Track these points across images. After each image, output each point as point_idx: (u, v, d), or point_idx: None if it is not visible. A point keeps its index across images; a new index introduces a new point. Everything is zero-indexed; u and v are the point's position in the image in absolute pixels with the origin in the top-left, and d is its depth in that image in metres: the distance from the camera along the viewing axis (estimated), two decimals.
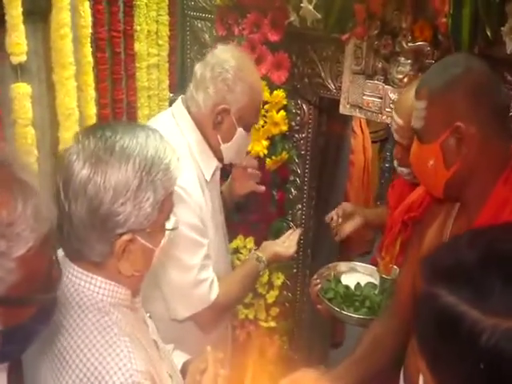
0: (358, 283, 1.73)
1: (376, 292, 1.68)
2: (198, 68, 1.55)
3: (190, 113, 1.55)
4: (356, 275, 1.80)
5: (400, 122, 1.50)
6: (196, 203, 1.49)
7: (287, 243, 1.81)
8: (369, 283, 1.73)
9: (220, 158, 1.60)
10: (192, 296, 1.52)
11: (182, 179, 1.46)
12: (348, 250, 2.61)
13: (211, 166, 1.58)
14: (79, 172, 0.94)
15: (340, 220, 1.85)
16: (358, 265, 1.85)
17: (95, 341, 0.95)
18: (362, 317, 1.60)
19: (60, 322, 0.98)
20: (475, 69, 1.13)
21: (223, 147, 1.56)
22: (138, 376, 0.93)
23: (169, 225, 1.06)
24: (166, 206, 1.02)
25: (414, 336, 0.74)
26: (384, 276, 1.63)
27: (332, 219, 1.86)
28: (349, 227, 1.84)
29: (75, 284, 1.00)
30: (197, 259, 1.50)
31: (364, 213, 1.90)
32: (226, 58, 1.52)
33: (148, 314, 1.19)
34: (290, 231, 1.89)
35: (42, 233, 0.80)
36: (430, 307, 0.69)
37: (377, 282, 1.70)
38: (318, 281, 1.75)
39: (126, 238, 0.97)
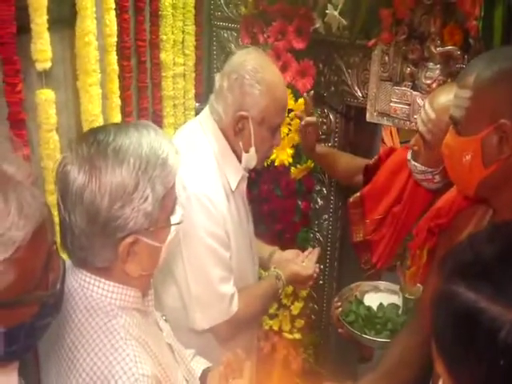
0: (381, 304, 1.67)
1: (399, 312, 1.62)
2: (217, 79, 1.55)
3: (215, 122, 1.55)
4: (379, 294, 1.75)
5: (432, 115, 1.44)
6: (220, 214, 1.47)
7: (306, 263, 1.78)
8: (391, 304, 1.67)
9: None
10: (211, 309, 1.49)
11: (208, 188, 1.47)
12: None
13: (237, 175, 1.56)
14: (74, 181, 0.92)
15: None
16: (382, 283, 1.79)
17: (101, 344, 0.94)
18: (383, 340, 1.55)
19: (68, 324, 0.97)
20: None
21: (244, 156, 1.54)
22: (143, 380, 0.91)
23: (174, 219, 1.04)
24: (167, 201, 1.00)
25: (431, 336, 0.71)
26: (407, 296, 1.58)
27: None
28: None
29: (83, 288, 0.99)
30: (218, 271, 1.48)
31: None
32: (240, 63, 1.51)
33: (164, 318, 1.17)
34: (308, 250, 1.86)
35: (30, 229, 0.75)
36: (448, 305, 0.66)
37: (400, 301, 1.65)
38: (339, 304, 1.70)
39: (128, 240, 0.95)
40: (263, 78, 1.48)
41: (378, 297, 1.74)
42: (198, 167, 1.48)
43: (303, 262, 1.79)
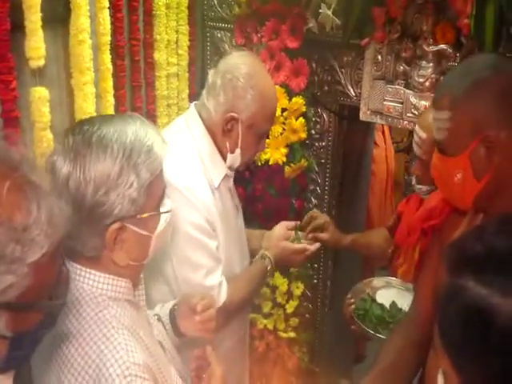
0: (394, 302, 1.67)
1: None
2: (211, 75, 1.56)
3: (202, 119, 1.55)
4: (391, 291, 1.75)
5: (423, 135, 1.46)
6: (203, 204, 1.48)
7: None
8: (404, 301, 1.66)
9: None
10: None
11: (189, 181, 1.47)
12: (370, 261, 2.56)
13: (220, 172, 1.57)
14: (60, 170, 0.94)
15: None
16: (393, 279, 1.79)
17: (93, 334, 0.95)
18: None
19: (60, 317, 0.96)
20: (502, 70, 1.04)
21: (229, 156, 1.55)
22: (134, 369, 0.91)
23: (163, 208, 1.04)
24: (154, 189, 1.01)
25: (436, 332, 0.69)
26: None
27: None
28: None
29: (74, 280, 1.00)
30: (203, 260, 1.48)
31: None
32: (237, 65, 1.52)
33: (156, 317, 1.17)
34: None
35: (56, 238, 0.78)
36: (457, 300, 0.64)
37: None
38: (352, 300, 1.70)
39: (115, 226, 0.96)
40: (257, 84, 1.50)
41: (390, 294, 1.74)
42: (180, 162, 1.48)
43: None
